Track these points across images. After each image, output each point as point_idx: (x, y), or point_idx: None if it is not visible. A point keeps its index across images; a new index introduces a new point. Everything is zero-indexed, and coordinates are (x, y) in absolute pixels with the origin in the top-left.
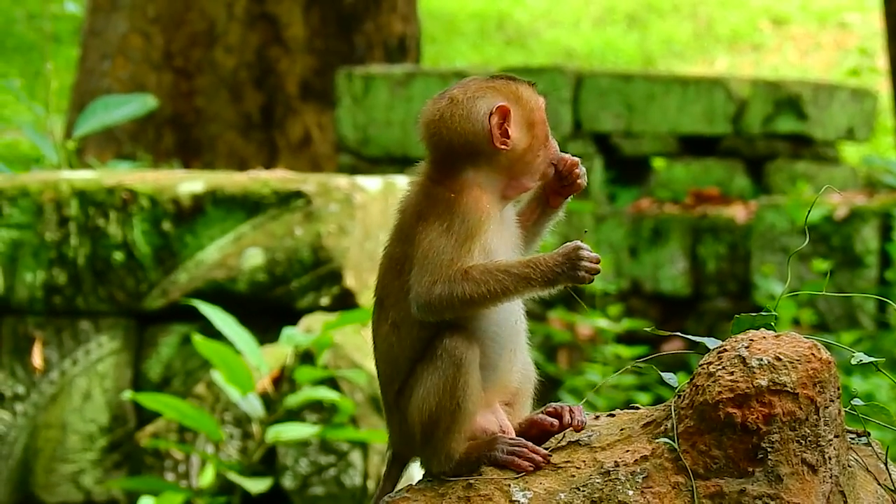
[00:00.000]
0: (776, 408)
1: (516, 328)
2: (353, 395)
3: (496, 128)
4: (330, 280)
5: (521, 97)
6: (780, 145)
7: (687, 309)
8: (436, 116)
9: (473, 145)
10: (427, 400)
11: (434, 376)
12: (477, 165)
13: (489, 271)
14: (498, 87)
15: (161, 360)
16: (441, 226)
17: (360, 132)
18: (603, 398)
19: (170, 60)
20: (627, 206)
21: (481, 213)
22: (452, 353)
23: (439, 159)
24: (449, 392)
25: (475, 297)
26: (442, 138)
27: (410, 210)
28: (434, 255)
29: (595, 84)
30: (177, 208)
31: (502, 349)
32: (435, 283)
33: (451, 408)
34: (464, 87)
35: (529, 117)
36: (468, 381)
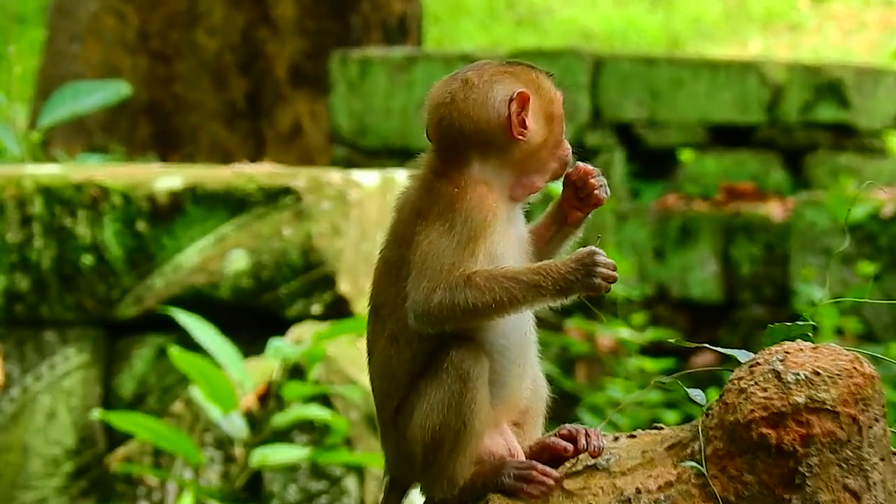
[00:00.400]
0: (815, 428)
1: (526, 340)
2: (347, 413)
3: (514, 116)
4: (322, 286)
5: (541, 87)
6: (820, 135)
7: (719, 317)
8: (446, 99)
9: (486, 134)
10: (430, 418)
11: (438, 392)
12: (486, 158)
13: (495, 278)
14: (517, 73)
15: (134, 375)
16: (442, 225)
17: (356, 121)
18: (626, 416)
19: (146, 42)
20: (652, 203)
21: (487, 211)
22: (459, 366)
23: (445, 149)
24: (454, 409)
25: (479, 306)
26: (452, 124)
27: (409, 207)
28: (433, 259)
29: (615, 68)
30: (152, 206)
31: (511, 363)
32: (434, 290)
33: (456, 427)
34: (479, 71)
35: (548, 109)
36: (475, 398)
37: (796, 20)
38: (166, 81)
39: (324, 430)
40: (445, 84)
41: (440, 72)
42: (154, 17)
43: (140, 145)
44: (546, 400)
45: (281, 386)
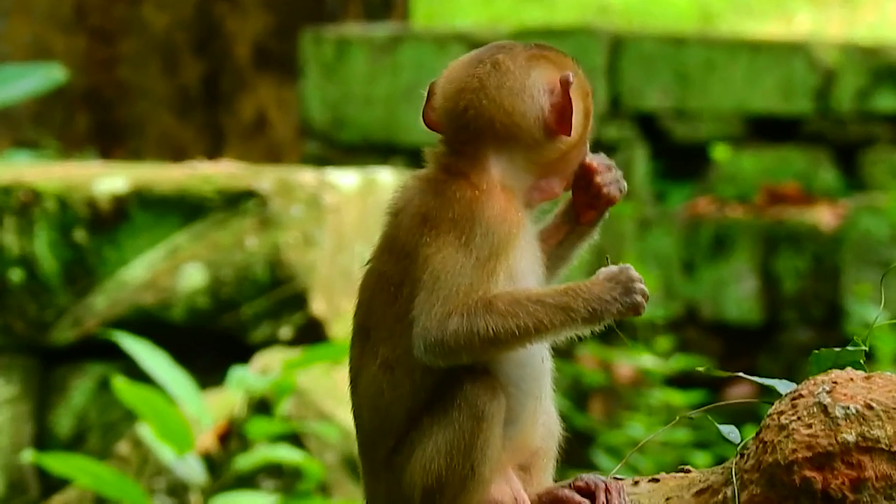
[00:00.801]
0: (867, 470)
1: (542, 369)
2: (321, 455)
3: (556, 107)
4: (292, 305)
5: (579, 75)
6: (878, 128)
7: (758, 342)
8: (474, 84)
9: (519, 128)
10: (435, 460)
11: (447, 431)
12: (511, 157)
13: (518, 301)
14: (553, 58)
15: (72, 410)
16: (458, 237)
17: (332, 111)
18: (648, 458)
19: (83, 19)
20: (680, 207)
21: (511, 223)
22: (474, 403)
23: (463, 141)
24: (464, 452)
25: (501, 334)
26: (481, 114)
27: (412, 211)
28: (448, 278)
29: (638, 49)
30: (93, 213)
31: (526, 397)
32: (450, 316)
33: (462, 472)
34: (510, 53)
35: (585, 103)
36: (488, 441)
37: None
38: (108, 64)
39: (294, 475)
40: (470, 67)
41: (430, 54)
42: None
43: (77, 140)
44: (558, 439)
45: (244, 423)
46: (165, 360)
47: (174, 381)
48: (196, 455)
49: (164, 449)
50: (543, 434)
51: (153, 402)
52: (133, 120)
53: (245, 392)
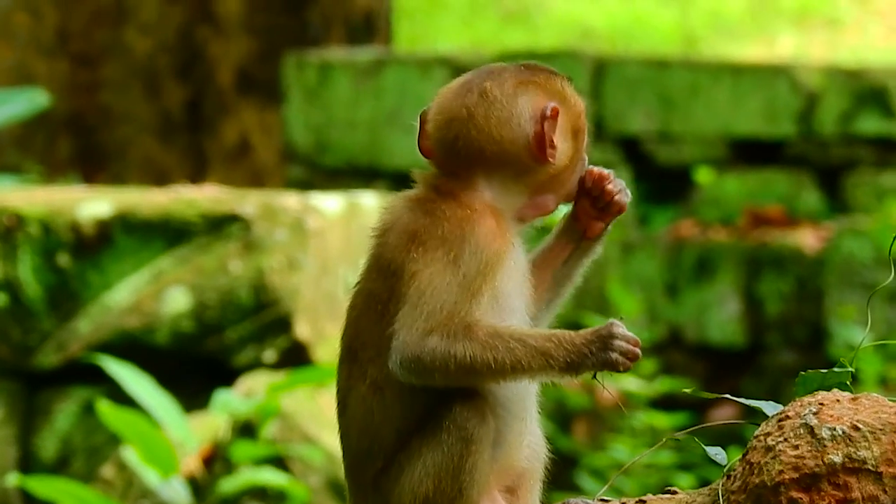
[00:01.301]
0: (854, 491)
1: (528, 391)
2: (306, 478)
3: (539, 136)
4: (276, 329)
5: (568, 98)
6: (861, 151)
7: (742, 364)
8: (462, 115)
9: (508, 154)
10: (423, 483)
11: (436, 454)
12: (502, 180)
13: (499, 335)
14: (541, 83)
15: (56, 433)
16: (447, 254)
17: (315, 136)
18: (633, 480)
19: (65, 44)
20: (663, 230)
21: (500, 244)
22: (463, 426)
23: (455, 168)
24: (452, 474)
25: (477, 363)
26: (469, 143)
27: (400, 229)
28: (433, 294)
29: (621, 73)
30: (76, 237)
31: (512, 418)
32: (430, 333)
33: (451, 494)
34: (498, 80)
35: (576, 124)
36: (477, 463)
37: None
38: (90, 89)
39: (279, 498)
40: (458, 96)
41: (413, 77)
42: (75, 14)
43: (60, 164)
44: (544, 462)
45: (229, 446)
46: (150, 383)
47: (159, 405)
48: (181, 478)
49: (148, 472)
50: (529, 455)
51: (138, 426)
52: (116, 144)
53: (229, 415)
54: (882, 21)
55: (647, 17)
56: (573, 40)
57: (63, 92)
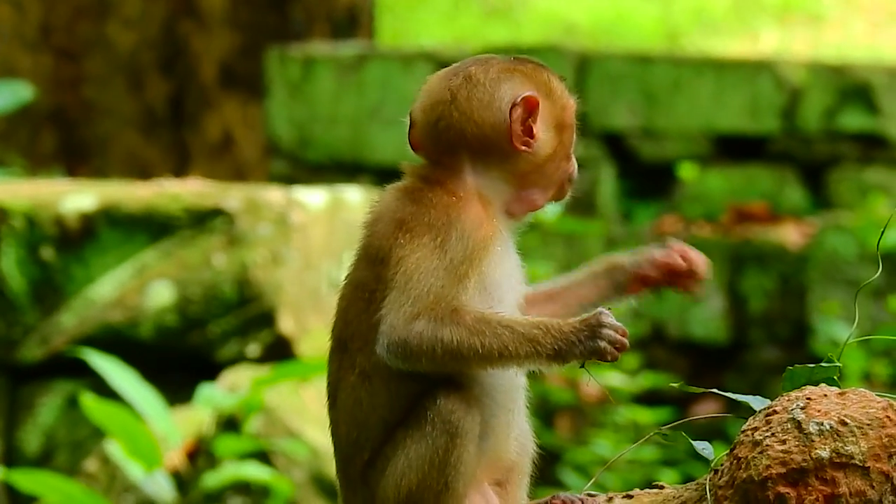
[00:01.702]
0: (841, 486)
1: (515, 383)
2: (290, 473)
3: (518, 122)
4: (259, 324)
5: (553, 91)
6: (845, 147)
7: (725, 360)
8: (446, 97)
9: (489, 140)
10: (407, 476)
11: (420, 446)
12: (485, 168)
13: (487, 321)
14: (527, 72)
15: (40, 427)
16: (434, 239)
17: (298, 130)
18: (616, 476)
19: (49, 37)
20: (647, 226)
21: (486, 230)
22: (447, 418)
23: (440, 153)
24: (438, 467)
25: (464, 349)
26: (451, 126)
27: (388, 217)
28: (420, 278)
29: (604, 68)
30: (60, 231)
31: (499, 409)
32: (417, 317)
33: (437, 488)
34: (484, 66)
35: (560, 117)
36: (462, 456)
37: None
38: (73, 83)
39: (262, 492)
40: (444, 80)
41: (396, 72)
42: (58, 8)
43: (43, 159)
44: (532, 456)
45: (212, 441)
46: (134, 377)
47: (142, 399)
48: (164, 472)
49: (132, 466)
50: (517, 449)
51: (121, 420)
52: (98, 139)
53: (213, 410)
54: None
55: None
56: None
57: (46, 86)
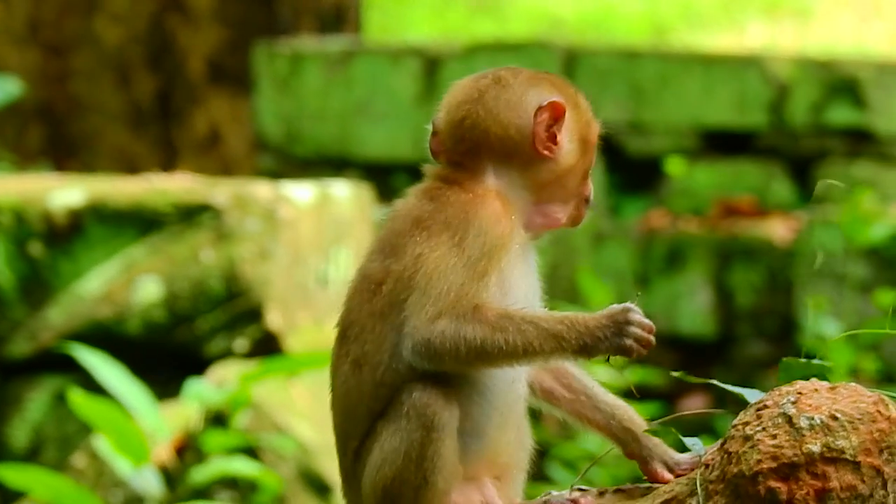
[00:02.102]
0: (832, 481)
1: (513, 388)
2: (278, 468)
3: (542, 126)
4: (247, 319)
5: (580, 105)
6: (832, 142)
7: (712, 355)
8: (474, 95)
9: (513, 141)
10: (382, 469)
11: (395, 439)
12: (507, 171)
13: (510, 316)
14: (556, 82)
15: (28, 422)
16: (451, 237)
17: (286, 125)
18: (605, 471)
19: (36, 33)
20: (634, 220)
21: (504, 227)
22: (423, 411)
23: (464, 153)
24: (414, 462)
25: (488, 345)
26: (476, 125)
27: (404, 214)
28: (440, 277)
29: (591, 63)
30: (48, 226)
31: (492, 411)
32: (439, 317)
33: (415, 482)
34: (514, 71)
35: (584, 132)
36: (439, 451)
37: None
38: (61, 78)
39: (251, 488)
40: (472, 81)
41: (384, 67)
42: (46, 4)
43: (30, 154)
44: (530, 452)
45: (200, 436)
46: (121, 373)
47: (130, 394)
48: (152, 468)
49: (120, 462)
50: (515, 447)
51: (109, 415)
52: (86, 134)
53: (201, 405)
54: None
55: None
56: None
57: (34, 81)
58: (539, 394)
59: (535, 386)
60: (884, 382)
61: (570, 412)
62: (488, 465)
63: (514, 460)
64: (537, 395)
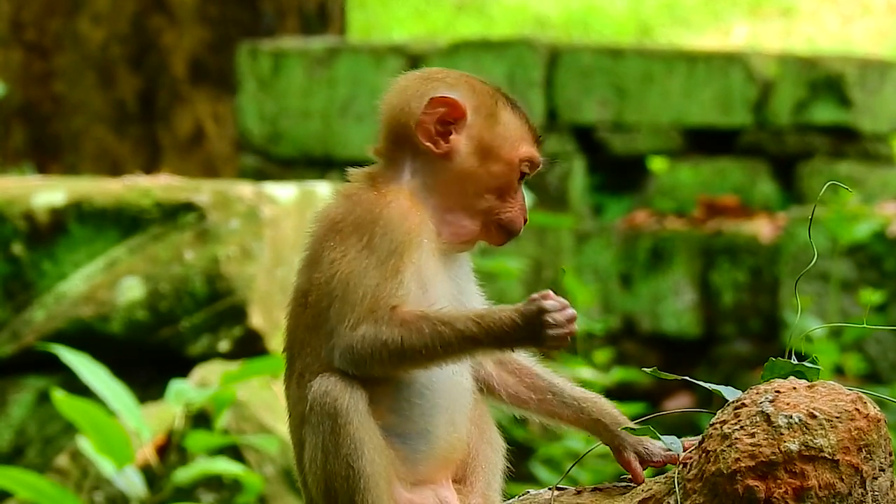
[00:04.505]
0: (810, 479)
1: (454, 381)
2: (261, 468)
3: (431, 118)
4: (230, 318)
5: (497, 118)
6: (816, 140)
7: (696, 354)
8: (393, 89)
9: (404, 128)
10: (313, 470)
11: (312, 436)
12: (420, 168)
13: (427, 318)
14: (476, 88)
15: (11, 423)
16: (360, 239)
17: (269, 125)
18: (587, 470)
19: (19, 33)
20: (618, 220)
21: (411, 223)
22: (323, 400)
23: (386, 148)
24: (332, 452)
25: (408, 348)
26: (384, 115)
27: (322, 219)
28: (354, 284)
29: (575, 61)
30: (30, 226)
31: (435, 410)
32: (359, 323)
33: (342, 472)
34: (444, 70)
35: (495, 146)
36: (354, 435)
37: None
38: (44, 78)
39: (234, 488)
40: (410, 76)
41: (368, 66)
42: (29, 4)
43: (13, 154)
44: (501, 451)
45: (184, 436)
46: (104, 373)
47: (113, 395)
48: (135, 468)
49: (103, 462)
50: (477, 445)
51: (93, 416)
52: (69, 134)
53: (184, 405)
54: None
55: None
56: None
57: (17, 82)
58: (506, 399)
59: (500, 392)
60: (867, 381)
61: (540, 412)
62: (443, 466)
63: (478, 460)
64: (505, 401)
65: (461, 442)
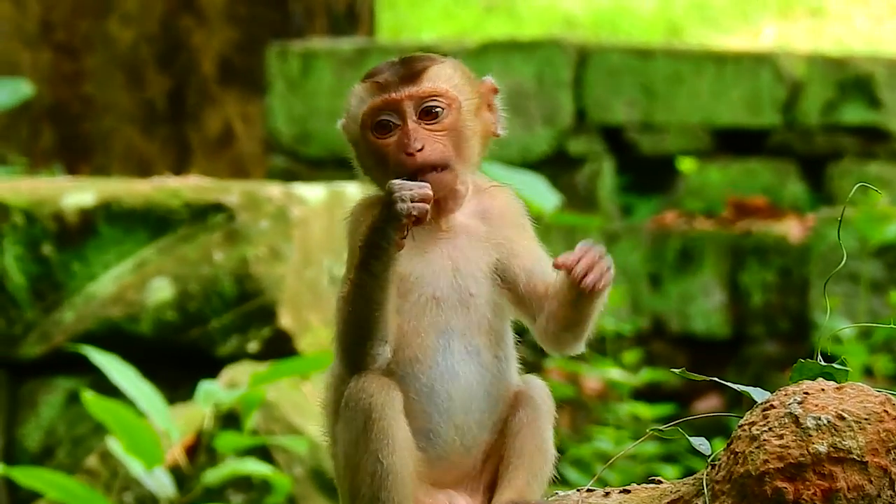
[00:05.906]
0: (839, 481)
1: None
2: (290, 469)
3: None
4: (260, 319)
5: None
6: (845, 141)
7: (725, 355)
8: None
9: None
10: (340, 465)
11: (345, 433)
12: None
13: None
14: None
15: (41, 423)
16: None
17: (298, 126)
18: (617, 472)
19: (49, 34)
20: (647, 220)
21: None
22: (358, 397)
23: None
24: (363, 447)
25: (340, 309)
26: None
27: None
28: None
29: (604, 62)
30: (60, 227)
31: (440, 416)
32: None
33: (370, 469)
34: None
35: (350, 128)
36: (386, 430)
37: (817, 5)
38: (73, 79)
39: (263, 488)
40: None
41: None
42: (58, 4)
43: (43, 155)
44: (549, 457)
45: (213, 436)
46: (134, 373)
47: (143, 395)
48: (165, 469)
49: (133, 463)
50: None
51: (122, 416)
52: (98, 135)
53: (213, 406)
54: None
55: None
56: (556, 29)
57: (46, 82)
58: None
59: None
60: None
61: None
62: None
63: (521, 459)
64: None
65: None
